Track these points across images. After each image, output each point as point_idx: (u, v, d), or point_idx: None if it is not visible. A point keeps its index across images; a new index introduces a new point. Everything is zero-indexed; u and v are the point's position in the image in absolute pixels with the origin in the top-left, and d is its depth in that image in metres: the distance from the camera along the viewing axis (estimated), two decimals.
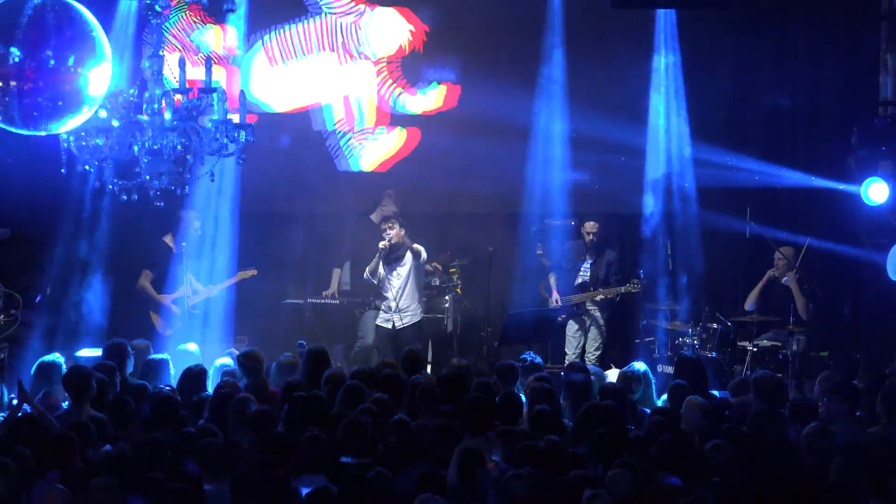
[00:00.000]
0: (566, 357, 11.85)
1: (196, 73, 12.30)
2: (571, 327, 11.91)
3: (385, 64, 12.90)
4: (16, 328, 10.56)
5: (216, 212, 12.43)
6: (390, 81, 12.96)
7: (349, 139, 13.07)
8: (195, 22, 12.68)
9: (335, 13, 12.82)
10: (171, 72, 8.79)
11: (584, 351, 11.84)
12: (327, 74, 12.90)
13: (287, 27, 12.87)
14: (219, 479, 6.30)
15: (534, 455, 6.50)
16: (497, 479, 6.32)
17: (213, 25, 12.67)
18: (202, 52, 12.49)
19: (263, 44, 12.85)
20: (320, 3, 12.86)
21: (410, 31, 12.82)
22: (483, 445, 6.78)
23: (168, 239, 11.72)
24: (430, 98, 13.01)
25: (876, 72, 12.33)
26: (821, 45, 12.57)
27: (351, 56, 12.87)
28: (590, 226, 11.87)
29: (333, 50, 12.87)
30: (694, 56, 12.87)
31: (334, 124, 13.06)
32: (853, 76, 12.50)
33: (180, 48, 12.40)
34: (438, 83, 12.94)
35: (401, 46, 12.88)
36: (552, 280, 12.06)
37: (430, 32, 12.82)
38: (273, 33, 12.85)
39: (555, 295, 11.89)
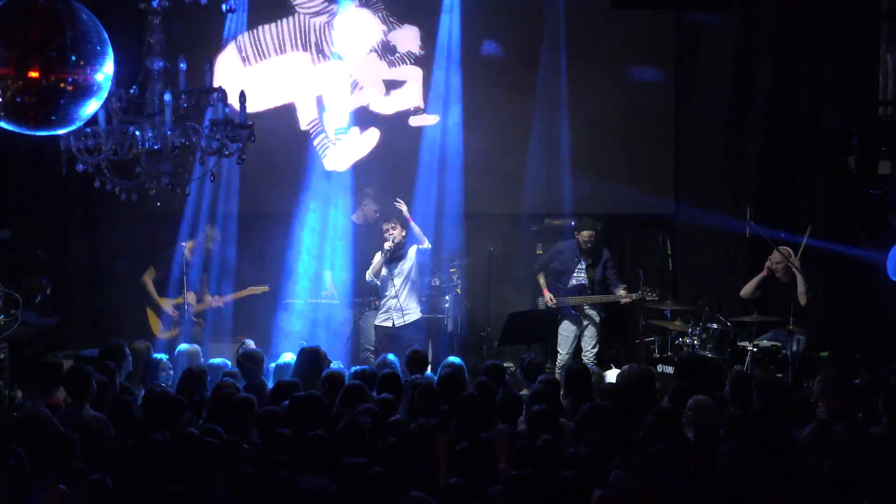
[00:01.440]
0: (558, 357, 11.83)
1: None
2: (566, 327, 11.87)
3: (357, 64, 12.74)
4: (16, 328, 10.55)
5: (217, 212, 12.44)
6: (361, 82, 12.82)
7: (322, 139, 12.88)
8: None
9: (307, 13, 12.69)
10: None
11: (578, 350, 11.83)
12: (300, 74, 12.70)
13: (260, 27, 12.66)
14: (219, 479, 6.30)
15: (533, 455, 6.50)
16: (496, 479, 6.33)
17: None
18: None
19: (237, 44, 12.61)
20: (293, 3, 12.70)
21: (382, 30, 12.71)
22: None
23: (188, 246, 11.68)
24: (401, 98, 12.85)
25: (876, 72, 12.33)
26: (821, 46, 12.56)
27: (323, 56, 12.74)
28: (586, 234, 11.85)
29: (306, 50, 12.73)
30: (693, 58, 12.88)
31: (307, 124, 12.88)
32: (853, 76, 12.50)
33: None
34: None
35: (372, 46, 12.72)
36: (541, 280, 12.01)
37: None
38: (246, 33, 12.62)
39: (546, 294, 11.86)
